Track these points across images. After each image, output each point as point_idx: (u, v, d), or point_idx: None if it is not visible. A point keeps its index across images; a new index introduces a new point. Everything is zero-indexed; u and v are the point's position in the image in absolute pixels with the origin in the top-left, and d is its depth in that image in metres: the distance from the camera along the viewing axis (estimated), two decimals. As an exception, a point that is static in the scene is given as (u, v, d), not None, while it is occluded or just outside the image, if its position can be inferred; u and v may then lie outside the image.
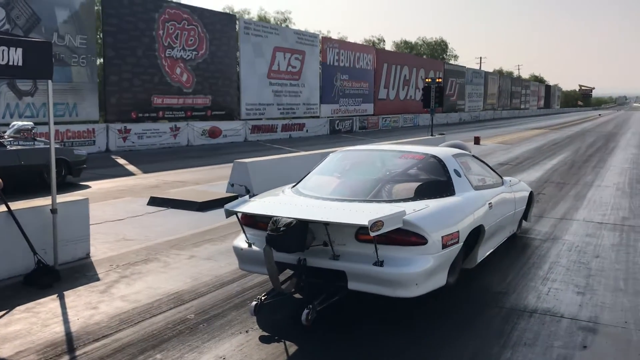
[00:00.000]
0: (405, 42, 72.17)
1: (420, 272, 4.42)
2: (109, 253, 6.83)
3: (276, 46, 30.39)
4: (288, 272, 5.09)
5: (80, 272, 6.09)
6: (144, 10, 23.09)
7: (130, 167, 16.74)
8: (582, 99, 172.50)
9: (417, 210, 4.72)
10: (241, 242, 5.16)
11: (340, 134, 34.22)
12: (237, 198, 10.94)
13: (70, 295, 5.35)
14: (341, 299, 4.75)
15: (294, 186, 5.80)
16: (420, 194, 5.22)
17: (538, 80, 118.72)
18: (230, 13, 36.46)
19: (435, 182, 5.53)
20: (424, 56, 66.34)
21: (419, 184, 5.52)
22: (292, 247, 4.46)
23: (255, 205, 5.04)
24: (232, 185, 11.29)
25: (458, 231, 4.89)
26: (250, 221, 5.11)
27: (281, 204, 5.19)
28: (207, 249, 7.11)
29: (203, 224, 8.48)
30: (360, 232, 4.45)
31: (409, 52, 65.28)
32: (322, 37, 35.63)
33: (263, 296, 4.75)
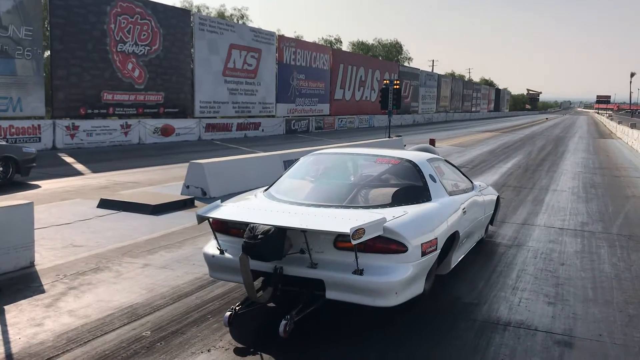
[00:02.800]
0: (362, 43, 72.44)
1: (400, 280, 4.27)
2: (55, 261, 6.33)
3: (232, 43, 29.83)
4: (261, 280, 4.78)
5: (23, 283, 5.59)
6: (95, 2, 22.19)
7: (79, 166, 15.98)
8: (529, 102, 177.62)
9: (396, 217, 4.55)
10: (212, 248, 4.86)
11: (296, 134, 33.93)
12: (193, 200, 10.52)
13: (11, 311, 4.87)
14: (318, 309, 4.54)
15: (266, 190, 5.60)
16: (397, 199, 5.11)
17: (488, 83, 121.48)
18: (185, 8, 35.59)
19: (412, 188, 5.41)
20: (380, 58, 66.73)
21: (395, 189, 5.39)
22: (270, 255, 4.27)
23: (229, 211, 4.72)
24: (188, 187, 10.85)
25: (436, 238, 4.79)
26: (222, 227, 4.83)
27: (256, 209, 4.86)
28: (162, 256, 6.71)
29: (157, 229, 8.05)
30: (339, 240, 4.29)
31: (364, 53, 65.54)
32: (279, 35, 35.20)
33: (237, 306, 4.50)
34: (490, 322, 4.86)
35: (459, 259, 5.90)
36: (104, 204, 9.52)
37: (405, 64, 70.35)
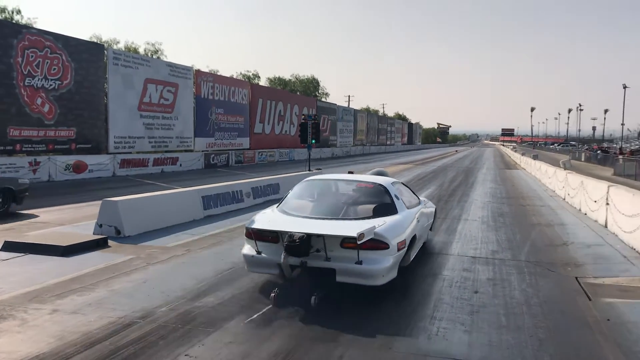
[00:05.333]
0: (279, 79, 73.29)
1: (386, 267, 6.20)
2: (-49, 311, 5.85)
3: (148, 78, 29.30)
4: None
5: None
6: (1, 35, 21.17)
7: (-20, 206, 14.92)
8: (440, 135, 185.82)
9: (379, 225, 6.35)
10: (250, 250, 6.74)
11: (216, 168, 33.53)
12: (106, 240, 10.07)
13: None
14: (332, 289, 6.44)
15: (278, 206, 7.55)
16: (376, 213, 6.99)
17: (402, 118, 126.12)
18: (98, 42, 34.64)
19: (384, 204, 7.29)
20: (298, 93, 67.72)
21: (373, 206, 7.23)
22: (303, 253, 6.09)
23: (268, 224, 6.63)
24: (101, 225, 10.40)
25: (405, 239, 6.78)
26: (257, 235, 6.54)
27: (285, 222, 6.72)
28: (73, 300, 6.36)
29: (68, 271, 7.63)
30: (346, 241, 6.04)
31: (283, 88, 66.30)
32: (196, 70, 34.98)
33: (276, 290, 6.34)
34: (411, 353, 4.96)
35: (414, 255, 7.72)
36: (9, 246, 8.94)
37: (323, 99, 71.80)
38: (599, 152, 60.38)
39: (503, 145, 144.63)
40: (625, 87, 72.30)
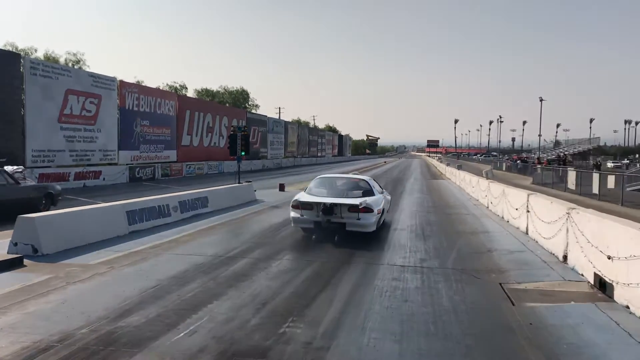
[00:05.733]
0: (207, 90, 72.33)
1: (373, 222, 11.32)
2: None
3: (69, 89, 28.09)
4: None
5: None
6: None
7: None
8: (369, 147, 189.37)
9: (367, 200, 11.38)
10: (296, 214, 11.55)
11: (141, 181, 32.50)
12: (22, 259, 9.49)
13: None
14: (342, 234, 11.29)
15: (305, 191, 12.54)
16: (363, 195, 12.08)
17: (332, 130, 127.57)
18: (14, 52, 32.95)
19: (367, 190, 12.52)
20: (227, 104, 67.08)
21: (361, 190, 12.45)
22: (329, 213, 11.02)
23: (308, 199, 11.63)
24: (16, 244, 9.77)
25: (380, 209, 12.08)
26: (302, 205, 11.43)
27: (315, 199, 11.58)
28: (-18, 326, 5.90)
29: (-23, 295, 7.10)
30: (351, 208, 11.08)
31: (211, 100, 65.49)
32: (120, 81, 33.89)
33: (314, 237, 11.47)
34: (342, 366, 4.92)
35: (382, 220, 12.95)
36: None
37: (253, 110, 71.43)
38: (518, 162, 63.33)
39: (429, 156, 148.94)
40: (541, 100, 76.26)
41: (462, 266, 9.40)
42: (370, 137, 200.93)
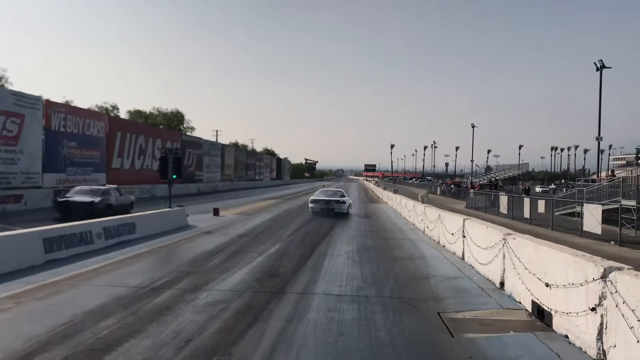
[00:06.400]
0: (140, 112, 70.37)
1: (345, 208, 27.16)
2: None
3: (-12, 107, 26.37)
4: None
5: None
6: None
7: None
8: (308, 170, 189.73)
9: (342, 199, 27.58)
10: (312, 204, 26.84)
11: (67, 206, 30.76)
12: None
13: None
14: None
15: (315, 194, 29.04)
16: (340, 196, 28.23)
17: (270, 153, 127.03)
18: None
19: (342, 194, 28.92)
20: (161, 126, 65.47)
21: (339, 195, 28.72)
22: (327, 204, 26.55)
23: (317, 197, 27.42)
24: None
25: (350, 203, 29.79)
26: (314, 201, 26.91)
27: (320, 197, 27.44)
28: None
29: None
30: (336, 202, 26.88)
31: (145, 122, 63.76)
32: (46, 100, 32.23)
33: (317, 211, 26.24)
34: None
35: (350, 210, 29.08)
36: None
37: (188, 133, 70.00)
38: (452, 186, 64.78)
39: (366, 180, 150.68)
40: (473, 126, 78.80)
41: (399, 294, 9.10)
42: (309, 161, 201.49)
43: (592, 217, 19.39)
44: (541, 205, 26.72)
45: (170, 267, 11.40)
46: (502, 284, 9.39)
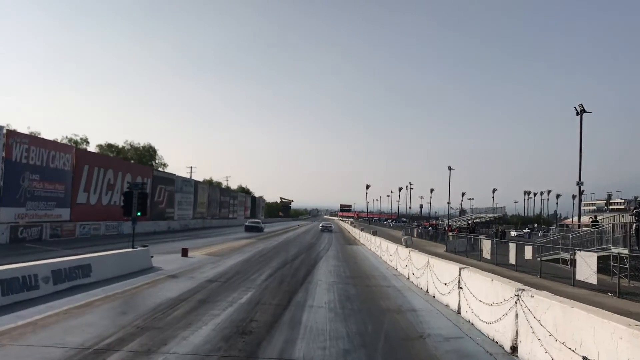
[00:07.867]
0: (110, 146, 68.36)
1: (332, 229, 75.60)
2: None
3: (-59, 134, 24.52)
4: None
5: None
6: None
7: None
8: (282, 210, 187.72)
9: (331, 226, 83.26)
10: (320, 228, 74.56)
11: (24, 242, 28.61)
12: None
13: None
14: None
15: (320, 224, 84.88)
16: (331, 224, 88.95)
17: (245, 191, 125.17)
18: None
19: (332, 224, 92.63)
20: (132, 161, 63.52)
21: (331, 224, 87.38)
22: (326, 228, 74.89)
23: (321, 224, 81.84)
24: None
25: (333, 228, 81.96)
26: (321, 228, 75.60)
27: (323, 224, 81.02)
28: None
29: None
30: (328, 227, 76.75)
31: (116, 156, 61.80)
32: (7, 130, 30.43)
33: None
34: None
35: (332, 232, 69.33)
36: None
37: (160, 169, 68.05)
38: (429, 228, 63.70)
39: (342, 220, 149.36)
40: (450, 168, 78.50)
41: (394, 359, 7.64)
42: (284, 200, 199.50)
43: (586, 265, 18.26)
44: (528, 252, 25.59)
45: (124, 320, 9.73)
46: (513, 348, 7.99)
